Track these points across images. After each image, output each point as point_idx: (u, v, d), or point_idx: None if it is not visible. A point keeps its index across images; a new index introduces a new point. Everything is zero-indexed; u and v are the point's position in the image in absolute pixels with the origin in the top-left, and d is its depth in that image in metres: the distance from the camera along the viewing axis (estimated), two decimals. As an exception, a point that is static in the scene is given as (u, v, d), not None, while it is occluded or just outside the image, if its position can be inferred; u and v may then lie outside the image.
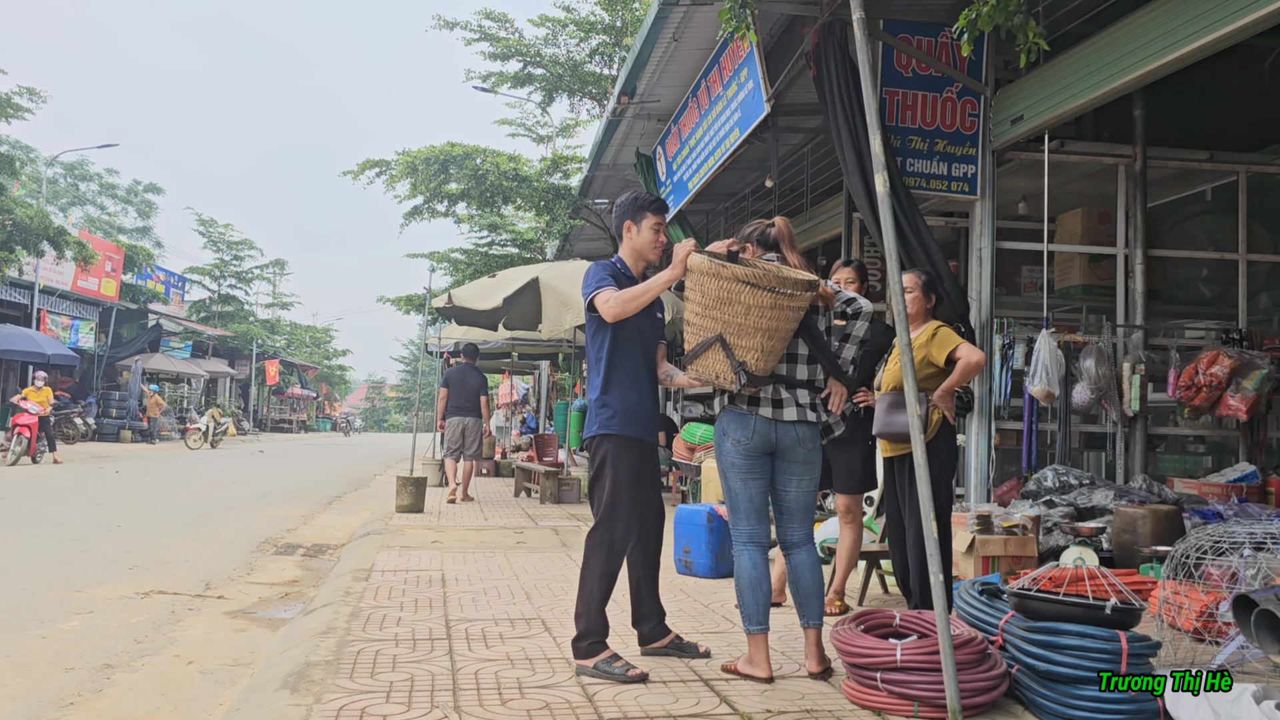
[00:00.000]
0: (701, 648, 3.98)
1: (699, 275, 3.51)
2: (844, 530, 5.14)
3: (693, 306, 3.56)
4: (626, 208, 3.99)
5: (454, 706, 3.24)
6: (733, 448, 3.64)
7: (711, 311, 3.49)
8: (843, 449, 5.04)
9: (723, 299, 3.46)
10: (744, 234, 3.94)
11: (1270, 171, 7.74)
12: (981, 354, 4.46)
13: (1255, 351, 7.01)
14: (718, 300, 3.47)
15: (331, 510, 11.51)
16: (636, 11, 16.80)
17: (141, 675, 4.18)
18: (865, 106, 3.51)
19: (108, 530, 8.67)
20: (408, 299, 24.34)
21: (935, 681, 3.17)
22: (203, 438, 26.14)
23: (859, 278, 5.05)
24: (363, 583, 5.57)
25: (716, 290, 3.47)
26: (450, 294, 11.41)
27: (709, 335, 3.50)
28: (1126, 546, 5.65)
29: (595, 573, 3.76)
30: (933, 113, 7.01)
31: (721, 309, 3.47)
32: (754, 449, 3.63)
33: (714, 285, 3.47)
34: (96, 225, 43.10)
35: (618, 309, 3.68)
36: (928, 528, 3.21)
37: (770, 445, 3.65)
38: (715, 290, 3.47)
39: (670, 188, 10.87)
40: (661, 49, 8.73)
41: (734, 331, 3.47)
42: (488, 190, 15.61)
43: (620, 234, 4.01)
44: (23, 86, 20.51)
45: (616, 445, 3.80)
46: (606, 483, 3.79)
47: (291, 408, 51.54)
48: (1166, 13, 5.26)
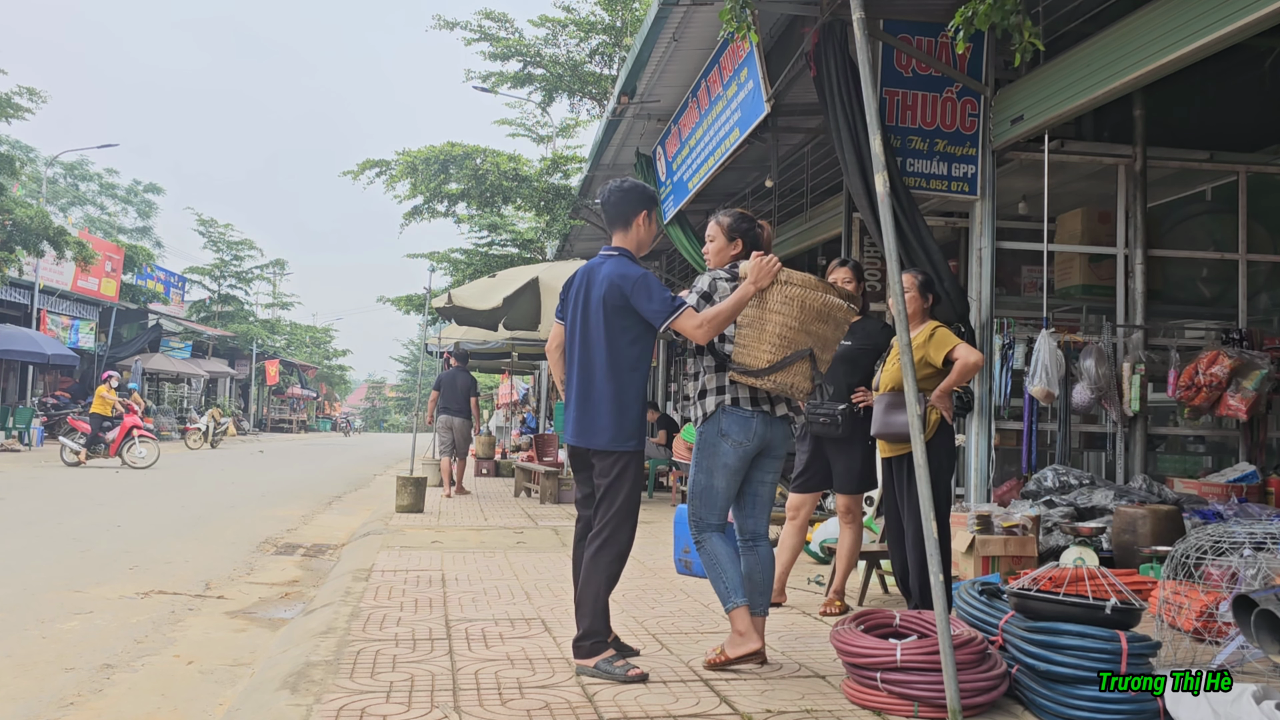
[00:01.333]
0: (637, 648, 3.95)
1: (801, 289, 3.58)
2: (844, 530, 5.14)
3: (781, 319, 3.56)
4: (637, 197, 3.81)
5: (454, 706, 3.24)
6: (731, 449, 3.66)
7: (809, 326, 3.60)
8: (842, 449, 5.04)
9: (821, 315, 3.62)
10: (728, 223, 3.90)
11: (1270, 171, 7.74)
12: (979, 354, 4.46)
13: (1255, 351, 7.01)
14: (817, 316, 3.61)
15: (331, 510, 11.51)
16: (636, 11, 16.80)
17: (141, 675, 4.18)
18: (865, 106, 3.51)
19: (108, 530, 8.67)
20: (408, 299, 24.34)
21: (935, 681, 3.17)
22: (203, 438, 26.15)
23: (855, 277, 5.06)
24: (363, 583, 5.57)
25: (819, 306, 3.61)
26: (450, 294, 11.42)
27: (800, 348, 3.58)
28: (1126, 546, 5.65)
29: (604, 573, 3.69)
30: (933, 113, 7.01)
31: (819, 324, 3.62)
32: (750, 450, 3.69)
33: (818, 301, 3.61)
34: (96, 225, 43.12)
35: (711, 329, 3.53)
36: (928, 528, 3.21)
37: (764, 443, 3.71)
38: (818, 306, 3.61)
39: (670, 188, 10.87)
40: (661, 49, 8.72)
41: (820, 346, 3.65)
42: (488, 190, 15.61)
43: (621, 223, 3.81)
44: (22, 86, 20.53)
45: (640, 457, 3.76)
46: (625, 489, 3.70)
47: (291, 408, 51.55)
48: (1166, 13, 5.26)
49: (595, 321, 3.68)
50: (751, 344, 3.59)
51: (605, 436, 3.67)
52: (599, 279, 3.70)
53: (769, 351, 3.56)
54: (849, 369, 5.02)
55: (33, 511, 9.91)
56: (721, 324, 3.55)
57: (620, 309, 3.64)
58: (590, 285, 3.73)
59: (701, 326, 3.53)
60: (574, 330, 3.75)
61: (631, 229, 3.81)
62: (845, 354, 5.02)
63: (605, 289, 3.66)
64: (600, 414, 3.67)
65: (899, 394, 4.60)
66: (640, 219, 3.82)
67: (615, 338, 3.66)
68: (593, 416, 3.68)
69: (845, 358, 5.02)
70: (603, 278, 3.69)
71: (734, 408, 3.66)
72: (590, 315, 3.70)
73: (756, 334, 3.58)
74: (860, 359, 5.04)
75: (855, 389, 5.00)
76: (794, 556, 5.23)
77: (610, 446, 3.67)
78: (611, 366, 3.66)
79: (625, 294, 3.62)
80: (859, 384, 5.01)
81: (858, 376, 5.03)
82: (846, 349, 5.02)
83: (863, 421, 4.99)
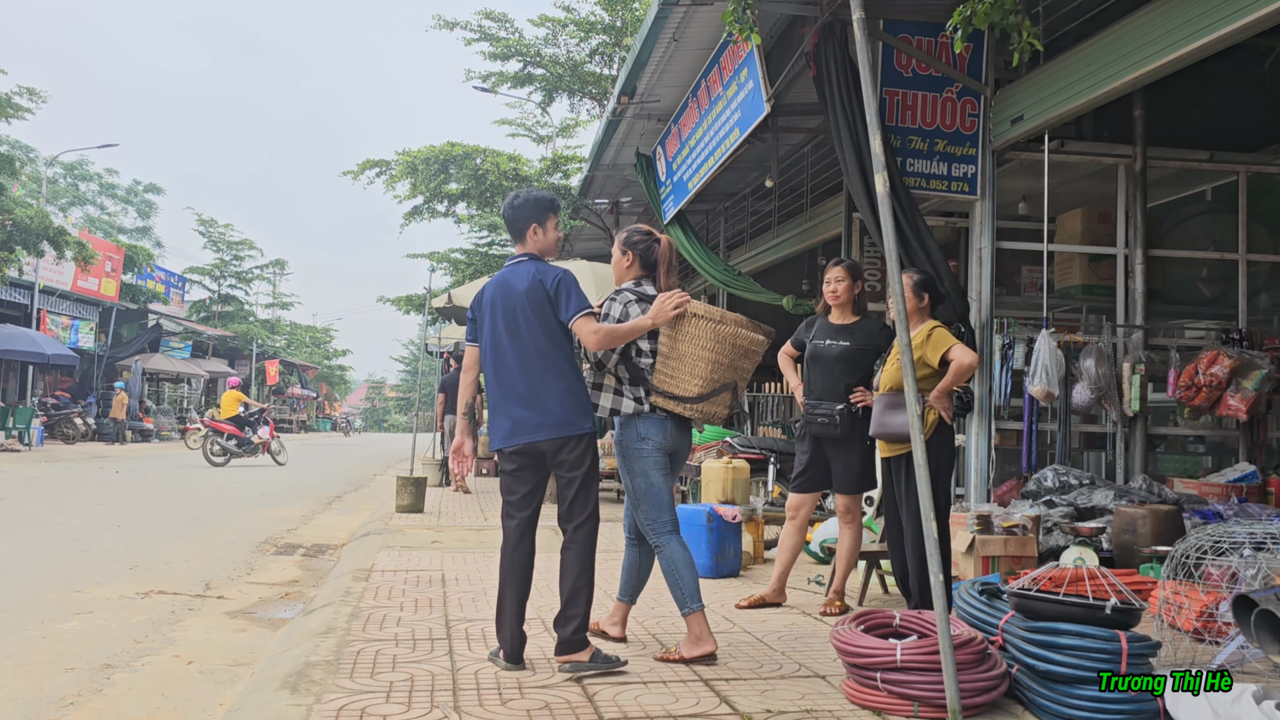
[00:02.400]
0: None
1: (716, 324, 3.83)
2: (843, 530, 5.14)
3: (702, 352, 3.81)
4: (533, 206, 3.93)
5: (454, 706, 3.24)
6: (653, 449, 3.94)
7: (737, 362, 3.90)
8: (841, 449, 5.03)
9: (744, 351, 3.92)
10: (629, 239, 4.14)
11: (1270, 171, 7.74)
12: (974, 355, 4.46)
13: (1255, 351, 7.01)
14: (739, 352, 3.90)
15: (331, 510, 11.51)
16: (636, 11, 16.81)
17: (141, 675, 4.18)
18: (865, 106, 3.51)
19: (108, 530, 8.67)
20: (408, 299, 24.35)
21: (935, 681, 3.17)
22: (203, 438, 26.13)
23: (849, 276, 5.07)
24: (363, 583, 5.57)
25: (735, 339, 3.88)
26: (450, 294, 11.44)
27: (727, 382, 3.88)
28: (1126, 546, 5.65)
29: (591, 557, 3.80)
30: (933, 113, 7.01)
31: (743, 360, 3.92)
32: (666, 449, 3.97)
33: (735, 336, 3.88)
34: (96, 225, 43.10)
35: (605, 343, 3.77)
36: (927, 528, 3.21)
37: (676, 446, 4.02)
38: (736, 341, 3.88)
39: (670, 188, 10.87)
40: (661, 49, 8.73)
41: (742, 379, 3.95)
42: (488, 190, 15.63)
43: (517, 236, 3.97)
44: (22, 86, 20.52)
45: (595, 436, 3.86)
46: (593, 469, 3.83)
47: (291, 408, 51.49)
48: (1166, 13, 5.26)
49: (525, 320, 3.78)
50: (682, 375, 3.84)
51: (567, 423, 3.75)
52: (519, 281, 3.83)
53: (699, 384, 3.84)
54: (847, 369, 5.00)
55: (32, 511, 9.91)
56: (612, 341, 3.79)
57: (547, 301, 3.79)
58: (509, 290, 3.83)
59: (596, 334, 3.73)
60: (498, 338, 3.82)
61: (527, 240, 3.96)
62: (843, 354, 5.01)
63: (529, 285, 3.79)
64: (554, 405, 3.75)
65: (897, 394, 4.60)
66: (531, 230, 3.94)
67: (551, 329, 3.78)
68: (547, 410, 3.74)
69: (843, 358, 5.00)
70: (524, 276, 3.83)
71: (651, 415, 3.94)
72: (518, 316, 3.79)
73: (685, 366, 3.84)
74: (859, 359, 5.02)
75: (854, 389, 4.99)
76: (794, 556, 5.22)
77: (575, 431, 3.76)
78: (553, 358, 3.77)
79: (548, 288, 3.78)
80: (858, 384, 5.00)
81: (856, 377, 5.01)
82: (844, 349, 5.01)
83: (861, 422, 4.98)
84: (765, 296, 10.21)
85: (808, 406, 5.07)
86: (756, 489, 8.16)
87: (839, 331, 5.08)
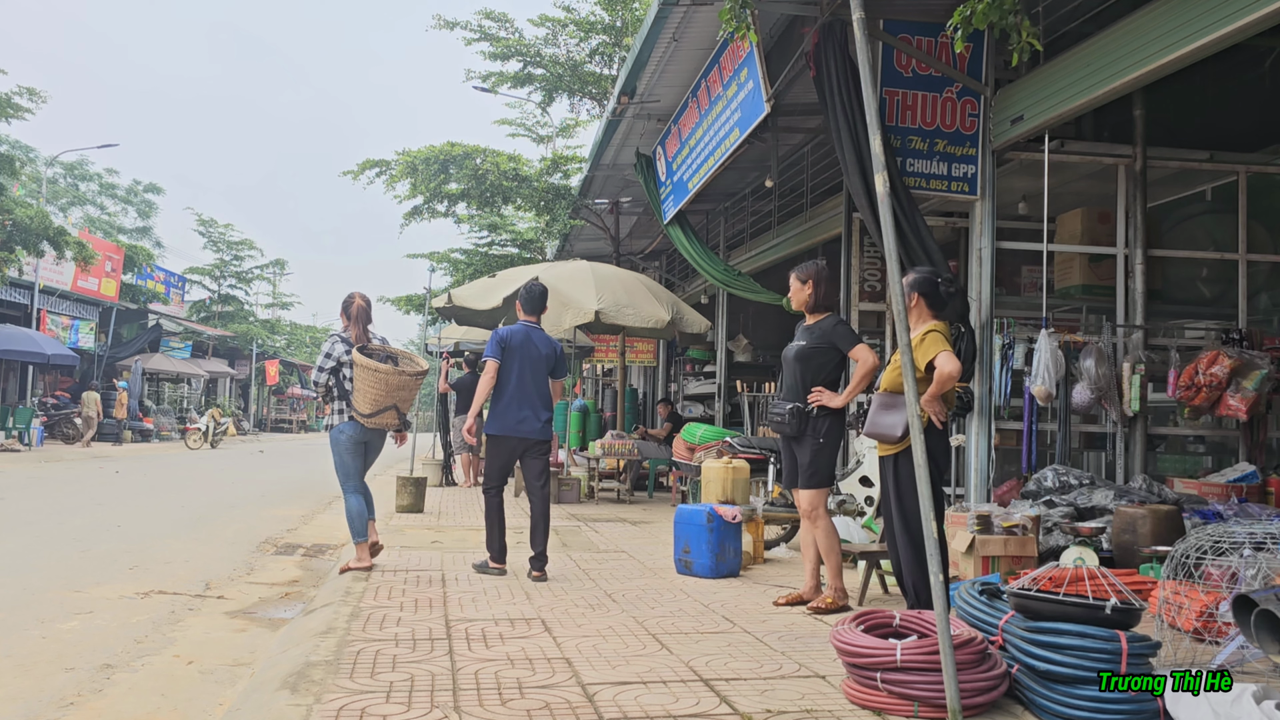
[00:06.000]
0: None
1: (378, 374, 5.91)
2: (806, 529, 5.25)
3: (375, 391, 5.93)
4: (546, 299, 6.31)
5: (454, 706, 3.24)
6: (348, 440, 6.01)
7: (394, 393, 6.00)
8: (794, 446, 5.20)
9: (400, 385, 6.03)
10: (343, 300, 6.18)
11: (1270, 171, 7.73)
12: (956, 364, 4.38)
13: (1255, 351, 7.01)
14: (395, 386, 5.99)
15: (331, 510, 11.50)
16: (636, 11, 16.79)
17: (141, 675, 4.19)
18: (865, 106, 3.51)
19: (108, 530, 8.67)
20: (408, 299, 24.34)
21: (935, 681, 3.17)
22: (203, 438, 26.14)
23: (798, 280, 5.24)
24: (363, 583, 5.57)
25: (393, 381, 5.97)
26: (450, 294, 11.43)
27: (387, 404, 6.00)
28: (1126, 546, 5.65)
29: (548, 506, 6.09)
30: (933, 113, 7.01)
31: (400, 391, 6.04)
32: (359, 441, 6.05)
33: (395, 379, 5.98)
34: (96, 225, 43.04)
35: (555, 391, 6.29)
36: (927, 528, 3.21)
37: (366, 439, 6.09)
38: (392, 381, 5.97)
39: (670, 188, 10.87)
40: (661, 49, 8.73)
41: (403, 402, 6.11)
42: (488, 190, 15.60)
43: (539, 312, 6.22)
44: (22, 87, 20.45)
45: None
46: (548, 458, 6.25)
47: (291, 408, 51.52)
48: (1166, 13, 5.26)
49: (539, 368, 6.02)
50: (360, 401, 5.96)
51: (544, 431, 6.07)
52: (541, 345, 6.06)
53: (369, 406, 5.96)
54: (801, 367, 5.15)
55: (33, 511, 9.91)
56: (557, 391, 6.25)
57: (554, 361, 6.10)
58: (533, 346, 6.01)
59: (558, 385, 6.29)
60: (522, 368, 5.95)
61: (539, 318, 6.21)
62: (799, 353, 5.17)
63: (548, 350, 6.08)
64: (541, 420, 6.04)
65: (893, 395, 4.63)
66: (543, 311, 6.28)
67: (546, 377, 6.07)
68: (543, 422, 6.05)
69: (800, 357, 5.16)
70: (544, 343, 6.08)
71: (350, 421, 6.00)
72: (535, 363, 6.01)
73: (362, 396, 5.96)
74: (814, 357, 5.14)
75: (811, 388, 5.09)
76: (816, 552, 5.26)
77: (546, 437, 6.11)
78: (545, 393, 6.04)
79: (556, 355, 6.13)
80: (814, 382, 5.09)
81: (811, 375, 5.11)
82: (800, 349, 5.18)
83: (814, 420, 5.07)
84: (765, 296, 10.21)
85: (770, 405, 5.19)
86: (756, 489, 8.16)
87: (802, 332, 5.28)
